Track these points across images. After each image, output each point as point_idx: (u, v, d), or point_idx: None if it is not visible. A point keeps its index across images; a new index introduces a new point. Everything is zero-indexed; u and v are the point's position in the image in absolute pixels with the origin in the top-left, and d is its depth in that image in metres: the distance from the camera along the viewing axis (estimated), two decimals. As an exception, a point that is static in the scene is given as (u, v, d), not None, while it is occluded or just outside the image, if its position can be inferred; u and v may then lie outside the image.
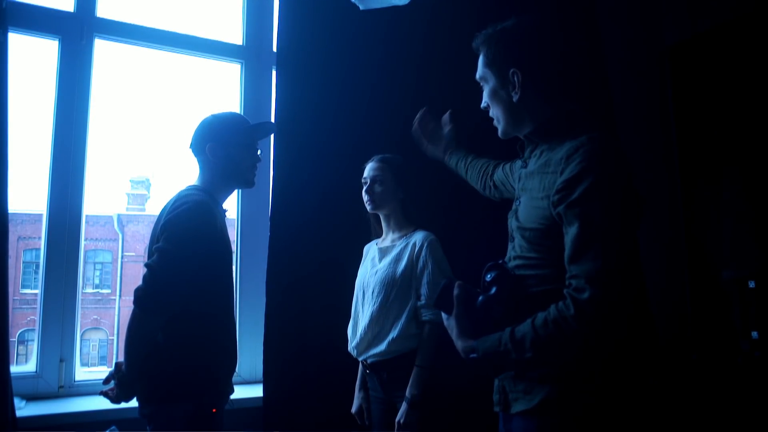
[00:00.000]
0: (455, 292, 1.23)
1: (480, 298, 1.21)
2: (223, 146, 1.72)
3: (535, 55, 1.27)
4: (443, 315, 1.27)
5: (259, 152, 1.81)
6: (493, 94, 1.31)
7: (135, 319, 1.52)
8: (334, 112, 2.33)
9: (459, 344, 1.22)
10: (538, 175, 1.23)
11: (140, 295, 1.50)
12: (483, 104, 1.36)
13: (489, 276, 1.23)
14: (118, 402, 1.59)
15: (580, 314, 1.06)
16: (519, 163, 1.38)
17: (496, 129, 1.37)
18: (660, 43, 3.08)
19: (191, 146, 1.77)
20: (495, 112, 1.33)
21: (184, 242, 1.54)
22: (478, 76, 1.35)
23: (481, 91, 1.37)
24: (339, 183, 2.25)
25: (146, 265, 1.53)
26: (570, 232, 1.11)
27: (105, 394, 1.60)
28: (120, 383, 1.57)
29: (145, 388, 1.56)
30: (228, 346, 1.69)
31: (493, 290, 1.20)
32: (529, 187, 1.26)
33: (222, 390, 1.67)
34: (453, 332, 1.24)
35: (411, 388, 1.80)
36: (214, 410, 1.60)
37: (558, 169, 1.16)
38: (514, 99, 1.26)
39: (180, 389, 1.55)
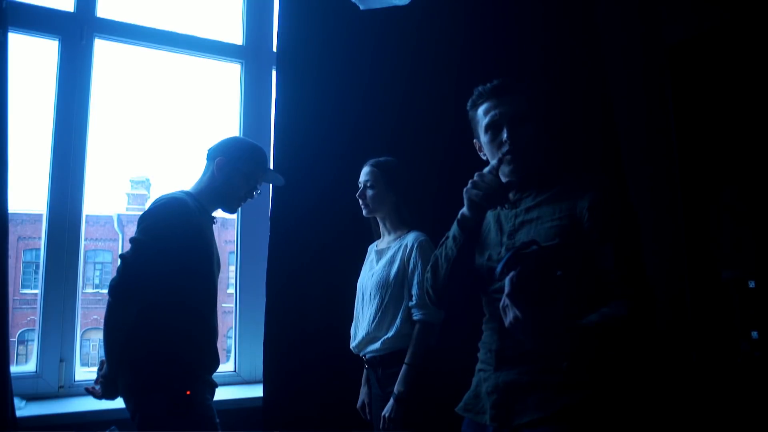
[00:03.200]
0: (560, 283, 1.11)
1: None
2: (230, 167, 1.77)
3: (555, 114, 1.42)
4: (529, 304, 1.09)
5: (257, 192, 1.86)
6: (537, 137, 1.38)
7: (109, 309, 1.56)
8: (333, 112, 2.33)
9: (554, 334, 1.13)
10: (548, 204, 1.33)
11: (113, 286, 1.54)
12: (509, 136, 1.35)
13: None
14: (103, 398, 1.62)
15: (648, 316, 1.20)
16: (490, 216, 1.43)
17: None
18: (660, 43, 3.08)
19: (209, 151, 1.83)
20: (531, 149, 1.36)
21: (157, 234, 1.58)
22: (519, 112, 1.36)
23: None
24: (339, 183, 2.25)
25: (120, 257, 1.57)
26: (613, 243, 1.24)
27: (90, 391, 1.63)
28: (104, 380, 1.60)
29: (125, 382, 1.59)
30: (203, 345, 1.69)
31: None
32: (536, 216, 1.33)
33: (195, 375, 1.65)
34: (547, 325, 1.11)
35: (398, 385, 1.82)
36: (188, 392, 1.60)
37: (578, 194, 1.30)
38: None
39: (151, 380, 1.57)
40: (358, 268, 2.09)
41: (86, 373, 2.18)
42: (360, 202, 2.01)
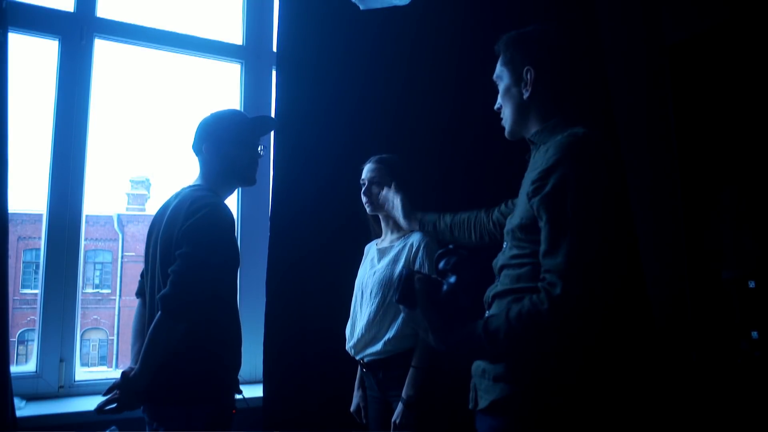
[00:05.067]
0: (418, 285, 1.19)
1: (444, 287, 1.15)
2: (220, 144, 1.71)
3: (549, 57, 1.31)
4: (402, 308, 1.23)
5: (260, 149, 1.79)
6: (506, 92, 1.36)
7: (162, 325, 1.50)
8: (334, 112, 2.32)
9: (431, 338, 1.21)
10: (529, 173, 1.27)
11: (168, 302, 1.49)
12: (497, 105, 1.40)
13: (443, 263, 1.19)
14: (123, 411, 1.55)
15: (554, 308, 1.07)
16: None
17: (499, 133, 1.41)
18: (660, 43, 3.08)
19: (192, 147, 1.77)
20: (505, 111, 1.37)
21: (209, 247, 1.53)
22: (495, 75, 1.40)
23: (490, 91, 1.42)
24: (339, 182, 2.25)
25: (172, 271, 1.51)
26: (543, 226, 1.14)
27: (104, 411, 1.55)
28: (129, 390, 1.54)
29: (164, 391, 1.54)
30: (237, 344, 1.69)
31: (453, 278, 1.16)
32: (522, 188, 1.29)
33: (235, 391, 1.69)
34: (419, 326, 1.22)
35: (407, 389, 1.79)
36: (234, 411, 1.62)
37: (540, 163, 1.19)
38: (525, 96, 1.31)
39: (202, 391, 1.55)
40: (358, 268, 2.09)
41: (86, 373, 2.19)
42: (364, 199, 1.99)
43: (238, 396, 1.71)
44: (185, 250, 1.52)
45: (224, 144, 1.71)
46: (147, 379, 1.52)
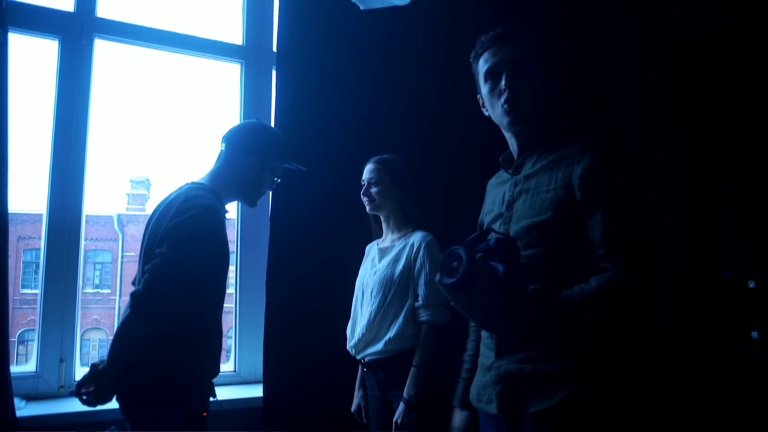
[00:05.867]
0: (483, 264, 1.10)
1: (500, 268, 1.10)
2: (262, 164, 1.71)
3: (553, 62, 1.35)
4: (449, 289, 1.12)
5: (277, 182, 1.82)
6: (531, 76, 1.31)
7: (129, 322, 1.47)
8: (334, 112, 2.33)
9: (492, 319, 1.14)
10: (545, 171, 1.28)
11: (138, 301, 1.45)
12: (507, 84, 1.30)
13: (488, 244, 1.12)
14: (96, 405, 1.53)
15: (637, 282, 1.12)
16: (494, 183, 1.45)
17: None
18: (660, 43, 3.08)
19: (227, 139, 1.72)
20: (522, 95, 1.30)
21: (190, 250, 1.49)
22: (514, 56, 1.31)
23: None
24: (339, 183, 2.25)
25: (148, 270, 1.47)
26: (603, 212, 1.17)
27: (82, 400, 1.53)
28: (98, 384, 1.51)
29: (133, 391, 1.51)
30: (215, 350, 1.64)
31: (504, 261, 1.10)
32: (533, 185, 1.29)
33: (209, 393, 1.64)
34: (478, 308, 1.12)
35: (408, 389, 1.80)
36: (204, 414, 1.58)
37: (573, 160, 1.23)
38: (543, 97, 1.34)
39: (171, 394, 1.51)
40: (358, 268, 2.09)
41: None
42: (364, 199, 2.00)
43: (212, 399, 1.68)
44: (165, 249, 1.48)
45: (265, 166, 1.71)
46: (114, 376, 1.49)
